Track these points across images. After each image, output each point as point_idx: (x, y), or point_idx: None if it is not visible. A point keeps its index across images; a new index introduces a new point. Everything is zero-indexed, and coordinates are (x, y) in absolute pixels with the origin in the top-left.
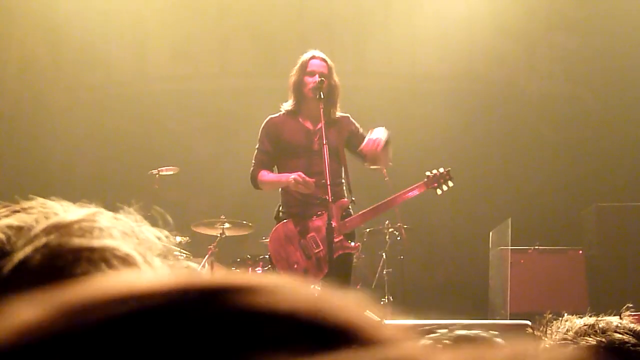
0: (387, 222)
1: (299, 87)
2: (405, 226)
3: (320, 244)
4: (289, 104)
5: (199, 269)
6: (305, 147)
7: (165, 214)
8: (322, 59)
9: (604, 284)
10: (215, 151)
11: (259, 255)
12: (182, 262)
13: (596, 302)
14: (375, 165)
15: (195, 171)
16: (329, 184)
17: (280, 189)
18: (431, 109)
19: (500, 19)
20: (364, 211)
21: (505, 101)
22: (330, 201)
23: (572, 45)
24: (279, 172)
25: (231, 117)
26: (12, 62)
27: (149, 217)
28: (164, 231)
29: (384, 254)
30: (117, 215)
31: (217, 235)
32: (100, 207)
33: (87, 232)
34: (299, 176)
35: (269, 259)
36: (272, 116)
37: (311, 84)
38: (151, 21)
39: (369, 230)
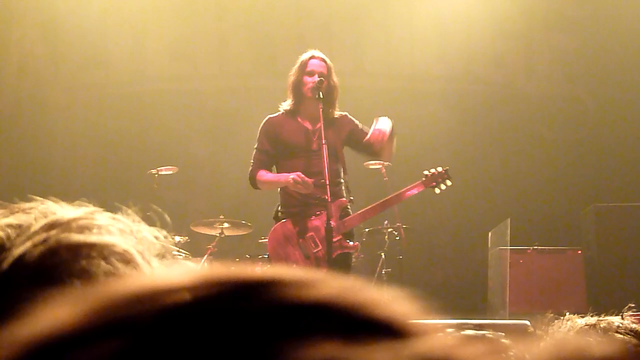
0: (386, 222)
1: (298, 86)
2: (404, 226)
3: (319, 244)
4: (287, 104)
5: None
6: (304, 147)
7: (163, 213)
8: (321, 59)
9: (602, 284)
10: (214, 151)
11: (258, 255)
12: (180, 262)
13: (595, 302)
14: (379, 157)
15: (194, 171)
16: (327, 183)
17: (279, 189)
18: (430, 109)
19: (498, 19)
20: (362, 210)
21: (503, 101)
22: (329, 201)
23: (571, 45)
24: (278, 171)
25: (230, 117)
26: (11, 62)
27: (148, 217)
28: (163, 231)
29: (382, 254)
30: (116, 215)
31: (216, 235)
32: (99, 207)
33: (86, 229)
34: (297, 176)
35: (267, 258)
36: (271, 116)
37: (310, 84)
38: (150, 21)
39: (368, 230)
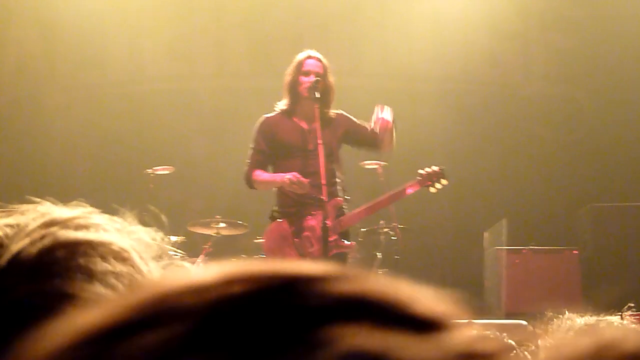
0: (382, 222)
1: (294, 86)
2: (400, 226)
3: (314, 243)
4: (283, 104)
5: (188, 267)
6: (300, 147)
7: (160, 214)
8: (317, 59)
9: (599, 284)
10: (210, 150)
11: (254, 255)
12: (176, 262)
13: (591, 302)
14: (380, 149)
15: (190, 170)
16: (324, 184)
17: (275, 189)
18: (426, 109)
19: (495, 19)
20: (358, 210)
21: (500, 101)
22: (325, 201)
23: (567, 45)
24: (274, 171)
25: (227, 116)
26: (8, 62)
27: (144, 218)
28: (159, 232)
29: (379, 254)
30: (113, 216)
31: (212, 234)
32: (95, 207)
33: (84, 227)
34: (293, 176)
35: (263, 258)
36: (267, 116)
37: (306, 84)
38: (147, 21)
39: (364, 230)
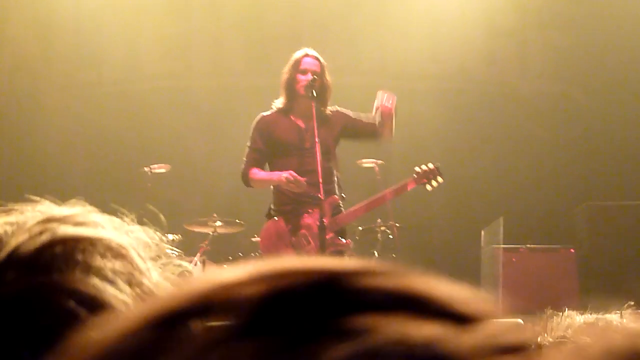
0: (379, 221)
1: (291, 84)
2: (397, 225)
3: (311, 242)
4: (280, 102)
5: (190, 267)
6: (297, 145)
7: (158, 213)
8: (314, 57)
9: (595, 282)
10: (207, 149)
11: (250, 253)
12: (174, 261)
13: (587, 300)
14: (381, 137)
15: (187, 169)
16: (321, 182)
17: (272, 187)
18: (423, 107)
19: (492, 17)
20: (354, 208)
21: (496, 100)
22: (322, 199)
23: (564, 43)
24: (271, 170)
25: (224, 115)
26: (5, 60)
27: (142, 216)
28: (157, 231)
29: (376, 252)
30: (111, 216)
31: (209, 233)
32: (92, 205)
33: (82, 224)
34: (290, 175)
35: (260, 257)
36: (264, 114)
37: (303, 82)
38: (144, 19)
39: (361, 228)
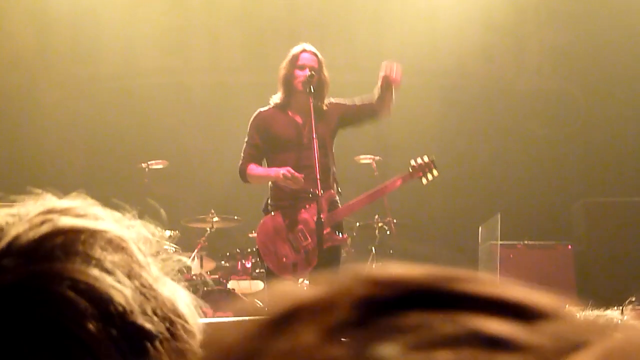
0: (376, 217)
1: (289, 80)
2: (394, 221)
3: (308, 237)
4: (277, 97)
5: (188, 262)
6: (294, 141)
7: (159, 208)
8: (312, 53)
9: (592, 279)
10: (204, 145)
11: (248, 248)
12: (173, 256)
13: (584, 297)
14: (378, 115)
15: (184, 165)
16: (318, 178)
17: (270, 182)
18: (420, 104)
19: (489, 14)
20: (351, 202)
21: (494, 97)
22: (320, 195)
23: (561, 40)
24: (268, 165)
25: (221, 111)
26: (2, 56)
27: (139, 212)
28: (156, 226)
29: (373, 248)
30: (111, 210)
31: (207, 229)
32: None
33: (83, 216)
34: (287, 171)
35: (257, 252)
36: (262, 110)
37: (301, 78)
38: (141, 15)
39: (358, 224)
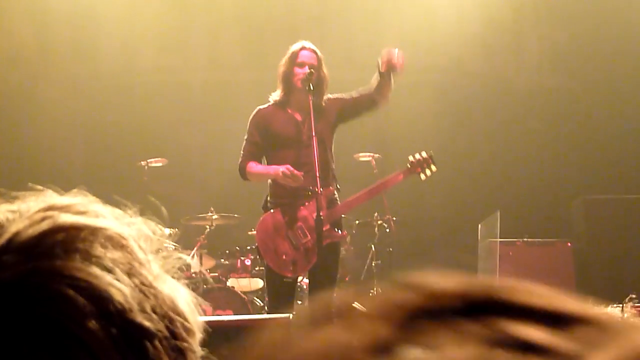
0: (376, 215)
1: (288, 77)
2: (394, 218)
3: (307, 234)
4: (277, 94)
5: (188, 260)
6: (294, 138)
7: (160, 206)
8: (312, 50)
9: (591, 276)
10: (204, 143)
11: (247, 246)
12: (173, 254)
13: (584, 294)
14: (377, 104)
15: (184, 163)
16: (318, 175)
17: (269, 180)
18: (419, 101)
19: (488, 11)
20: (350, 199)
21: (493, 94)
22: (319, 193)
23: (560, 38)
24: (268, 163)
25: (220, 108)
26: (1, 54)
27: (140, 209)
28: (157, 224)
29: (373, 246)
30: (112, 208)
31: (206, 227)
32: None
33: (83, 213)
34: (287, 169)
35: (256, 249)
36: (261, 107)
37: (300, 75)
38: (140, 13)
39: (358, 222)
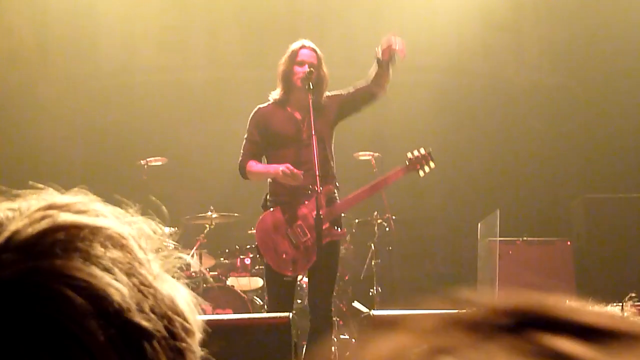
0: (375, 214)
1: (288, 76)
2: (393, 217)
3: (307, 233)
4: (277, 93)
5: (188, 259)
6: (293, 137)
7: (160, 205)
8: (311, 49)
9: (591, 275)
10: (203, 142)
11: (247, 245)
12: (174, 254)
13: (584, 293)
14: (375, 94)
15: (183, 162)
16: (317, 174)
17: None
18: (419, 100)
19: (488, 10)
20: (349, 196)
21: (493, 93)
22: (319, 192)
23: (560, 36)
24: (268, 162)
25: (220, 107)
26: (0, 53)
27: (141, 208)
28: (158, 223)
29: (372, 245)
30: (113, 207)
31: (206, 226)
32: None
33: (83, 212)
34: (287, 168)
35: (256, 248)
36: (261, 106)
37: (300, 74)
38: (140, 11)
39: (357, 221)
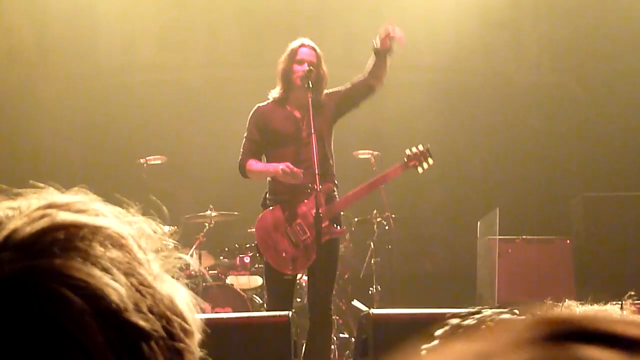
0: (375, 212)
1: (288, 75)
2: (393, 215)
3: (307, 231)
4: (276, 92)
5: (187, 258)
6: (293, 136)
7: (160, 204)
8: (311, 48)
9: (591, 273)
10: (203, 140)
11: (246, 244)
12: (174, 253)
13: (583, 291)
14: (373, 88)
15: (183, 160)
16: (317, 173)
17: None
18: (419, 99)
19: (487, 8)
20: (348, 194)
21: (492, 91)
22: (319, 190)
23: (560, 35)
24: (267, 160)
25: (219, 106)
26: (0, 53)
27: (140, 207)
28: (158, 223)
29: (372, 243)
30: (113, 206)
31: (205, 224)
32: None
33: (83, 212)
34: (287, 167)
35: (255, 247)
36: (260, 105)
37: (300, 72)
38: (140, 10)
39: (357, 219)
